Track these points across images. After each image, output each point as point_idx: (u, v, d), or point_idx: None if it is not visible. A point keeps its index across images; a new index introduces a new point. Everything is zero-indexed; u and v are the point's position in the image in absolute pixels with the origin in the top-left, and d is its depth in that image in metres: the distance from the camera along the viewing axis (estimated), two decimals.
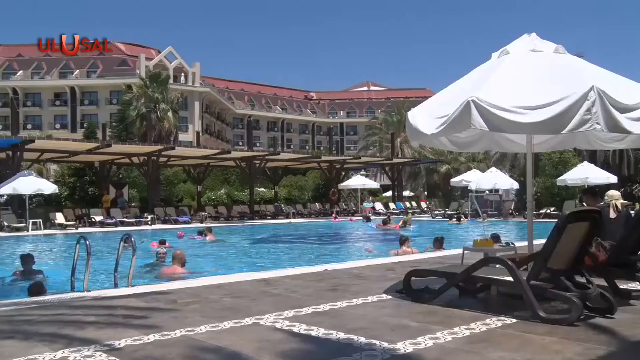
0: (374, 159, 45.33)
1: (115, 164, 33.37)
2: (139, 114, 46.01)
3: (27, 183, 23.45)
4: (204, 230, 19.59)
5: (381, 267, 9.50)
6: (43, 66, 73.02)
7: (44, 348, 4.31)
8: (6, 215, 25.14)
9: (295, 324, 5.02)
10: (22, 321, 5.42)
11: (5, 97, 69.74)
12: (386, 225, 25.09)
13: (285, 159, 38.44)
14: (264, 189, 42.67)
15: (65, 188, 34.06)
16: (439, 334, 4.56)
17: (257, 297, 6.58)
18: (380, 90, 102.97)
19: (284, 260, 14.47)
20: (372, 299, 6.28)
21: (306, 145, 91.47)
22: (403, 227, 24.41)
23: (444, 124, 5.61)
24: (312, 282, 7.81)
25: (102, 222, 26.57)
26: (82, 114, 70.41)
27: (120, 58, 73.44)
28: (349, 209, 39.04)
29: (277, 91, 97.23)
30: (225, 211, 33.71)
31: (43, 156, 29.81)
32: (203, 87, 74.48)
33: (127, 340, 4.50)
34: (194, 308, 5.95)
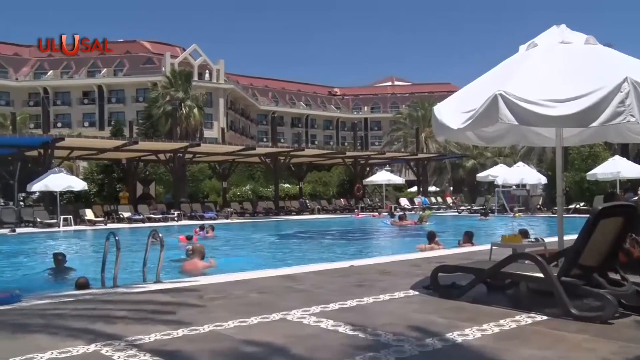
0: (398, 154, 45.07)
1: (142, 160, 33.77)
2: (164, 111, 46.54)
3: (58, 180, 23.89)
4: (206, 227, 19.59)
5: (407, 262, 9.45)
6: (72, 66, 74.29)
7: (77, 341, 4.39)
8: (38, 212, 25.69)
9: (323, 320, 5.01)
10: (56, 315, 5.52)
11: (37, 96, 71.20)
12: (402, 222, 24.70)
13: (309, 154, 38.47)
14: (289, 185, 42.78)
15: (94, 185, 34.64)
16: (468, 330, 4.51)
17: (283, 293, 6.60)
18: (404, 85, 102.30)
19: (309, 256, 14.49)
20: (398, 295, 6.24)
21: (330, 141, 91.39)
22: (419, 224, 24.19)
23: (470, 119, 5.54)
24: (338, 277, 7.80)
25: (129, 218, 26.94)
26: (110, 112, 71.47)
27: (146, 56, 74.31)
28: (374, 205, 38.92)
29: (301, 87, 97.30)
30: (251, 207, 33.91)
31: (73, 154, 30.33)
32: (227, 84, 74.92)
33: (156, 335, 4.55)
34: (221, 304, 6.00)
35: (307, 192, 41.85)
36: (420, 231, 22.11)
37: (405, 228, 23.44)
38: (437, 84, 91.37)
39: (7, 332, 4.87)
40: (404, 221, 24.62)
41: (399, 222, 24.64)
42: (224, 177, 37.90)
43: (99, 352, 4.11)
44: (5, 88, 72.63)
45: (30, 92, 73.01)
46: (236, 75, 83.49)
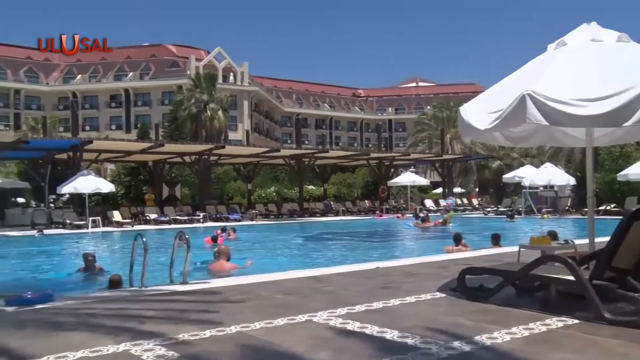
0: (423, 155, 44.79)
1: (168, 163, 34.19)
2: (189, 113, 46.99)
3: (86, 182, 24.29)
4: (228, 229, 19.65)
5: (433, 264, 9.39)
6: (100, 70, 75.62)
7: (107, 340, 4.46)
8: (68, 213, 26.17)
9: (349, 322, 5.00)
10: (87, 314, 5.62)
11: (66, 100, 72.62)
12: (424, 224, 24.43)
13: (334, 156, 38.48)
14: (313, 186, 42.83)
15: (121, 187, 35.14)
16: (496, 333, 4.45)
17: (308, 295, 6.60)
18: (429, 86, 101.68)
19: (334, 258, 14.48)
20: (425, 297, 6.20)
21: (354, 142, 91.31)
22: (442, 225, 23.94)
23: (497, 119, 5.47)
24: (364, 279, 7.78)
25: (156, 220, 27.26)
26: (136, 115, 72.49)
27: (172, 60, 75.22)
28: (399, 206, 38.74)
29: (324, 89, 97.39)
30: (275, 209, 34.03)
31: (100, 156, 30.84)
32: (251, 86, 75.37)
33: (184, 335, 4.59)
34: (248, 305, 6.02)
35: (332, 193, 41.85)
36: (444, 233, 21.95)
37: (428, 229, 23.26)
38: (462, 85, 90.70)
39: (42, 330, 4.98)
40: (426, 223, 24.38)
41: (421, 224, 24.40)
42: (248, 179, 38.12)
43: (128, 352, 4.16)
44: (37, 93, 74.27)
45: (60, 97, 74.51)
46: (260, 77, 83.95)
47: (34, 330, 4.98)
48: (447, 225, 24.07)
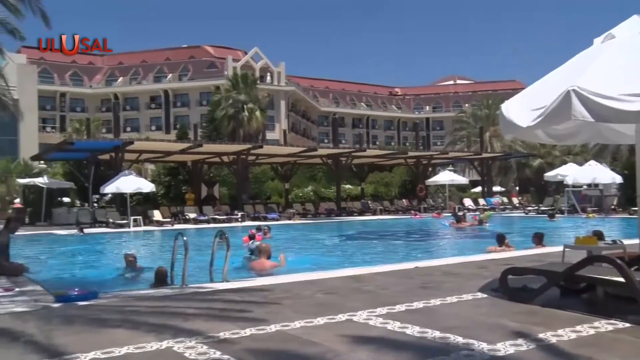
0: (462, 154, 44.18)
1: (206, 163, 34.61)
2: (227, 114, 47.46)
3: (128, 182, 24.78)
4: (264, 228, 19.65)
5: (473, 264, 9.26)
6: (140, 72, 77.26)
7: (150, 337, 4.54)
8: (111, 213, 26.80)
9: (389, 322, 4.97)
10: (131, 311, 5.74)
11: (109, 102, 74.47)
12: (460, 223, 23.87)
13: (371, 155, 38.31)
14: (351, 185, 42.75)
15: (161, 187, 35.75)
16: (542, 335, 4.35)
17: (348, 294, 6.59)
18: (467, 83, 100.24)
19: (372, 257, 14.41)
20: (466, 297, 6.11)
21: (392, 141, 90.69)
22: (479, 225, 23.45)
23: (541, 116, 5.34)
24: (403, 279, 7.73)
25: (195, 219, 27.64)
26: (175, 116, 73.68)
27: (209, 61, 76.22)
28: (437, 205, 38.32)
29: (361, 88, 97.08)
30: (313, 208, 34.10)
31: (141, 156, 31.43)
32: (288, 86, 75.72)
33: (225, 333, 4.64)
34: (288, 304, 6.05)
35: (369, 193, 41.70)
36: (482, 232, 21.58)
37: (464, 229, 22.85)
38: (502, 82, 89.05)
39: (88, 326, 5.11)
40: (462, 223, 23.89)
41: (456, 224, 23.89)
42: (286, 178, 38.31)
43: (171, 349, 4.23)
44: (81, 95, 76.38)
45: (103, 99, 76.42)
46: (297, 77, 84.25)
47: (81, 327, 5.12)
48: (483, 225, 23.61)
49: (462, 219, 24.55)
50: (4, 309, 6.11)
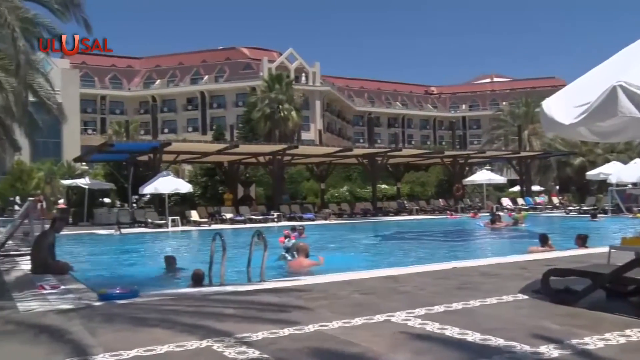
0: (499, 152, 43.44)
1: (242, 163, 34.91)
2: (263, 114, 47.81)
3: (166, 183, 25.18)
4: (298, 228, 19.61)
5: (513, 265, 9.10)
6: (177, 74, 78.58)
7: (190, 336, 4.60)
8: (149, 213, 27.30)
9: (428, 323, 4.91)
10: (170, 310, 5.83)
11: (147, 104, 76.00)
12: (494, 224, 23.20)
13: (407, 155, 38.02)
14: (386, 185, 42.53)
15: (198, 187, 36.22)
16: (587, 339, 4.22)
17: (385, 294, 6.55)
18: (505, 81, 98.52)
19: (409, 257, 14.30)
20: (506, 298, 6.00)
21: (427, 140, 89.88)
22: (514, 226, 22.88)
23: (584, 113, 5.19)
24: (441, 279, 7.64)
25: (232, 219, 27.91)
26: (211, 117, 74.63)
27: (245, 62, 76.97)
28: (474, 205, 37.78)
29: (396, 87, 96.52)
30: (348, 208, 34.04)
31: (178, 158, 31.95)
32: (323, 86, 75.81)
33: (263, 333, 4.66)
34: (325, 304, 6.04)
35: (405, 192, 41.40)
36: (521, 232, 21.15)
37: (499, 230, 22.36)
38: (541, 79, 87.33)
39: (129, 324, 5.21)
40: (497, 223, 23.23)
41: (491, 225, 23.23)
42: (321, 178, 38.35)
43: (210, 348, 4.27)
44: (120, 98, 78.20)
45: (141, 101, 78.02)
46: (332, 77, 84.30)
47: (122, 325, 5.22)
48: (519, 225, 23.06)
49: (497, 219, 23.99)
50: (51, 306, 6.29)
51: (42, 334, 4.95)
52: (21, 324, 5.46)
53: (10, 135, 22.08)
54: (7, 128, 21.13)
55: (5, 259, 12.21)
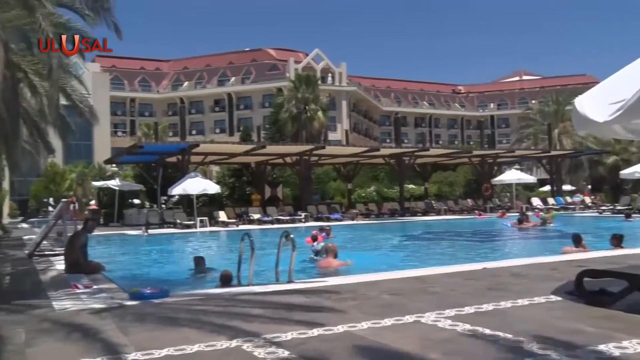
0: (529, 151, 42.80)
1: (269, 164, 35.07)
2: (290, 115, 47.95)
3: (194, 184, 25.41)
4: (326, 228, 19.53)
5: (543, 265, 8.95)
6: (204, 76, 79.38)
7: (220, 336, 4.63)
8: (178, 214, 27.62)
9: (458, 324, 4.86)
10: (199, 311, 5.87)
11: (175, 106, 76.96)
12: (522, 224, 22.69)
13: (434, 154, 37.73)
14: (414, 185, 42.29)
15: (226, 188, 36.50)
16: (626, 342, 4.10)
17: (414, 295, 6.50)
18: (534, 79, 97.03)
19: (437, 258, 14.17)
20: (538, 299, 5.90)
21: (455, 140, 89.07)
22: (542, 226, 22.39)
23: (619, 110, 5.07)
24: (470, 280, 7.56)
25: (259, 220, 28.05)
26: (238, 118, 75.18)
27: (271, 63, 77.32)
28: (503, 205, 37.28)
29: (423, 86, 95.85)
30: (376, 208, 33.93)
31: (206, 159, 32.23)
32: (350, 86, 75.72)
33: (292, 333, 4.66)
34: (354, 304, 6.02)
35: (433, 192, 41.11)
36: (551, 233, 20.77)
37: (527, 230, 21.94)
38: (571, 76, 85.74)
39: (159, 324, 5.27)
40: (524, 223, 22.69)
41: (518, 225, 22.74)
42: (348, 178, 38.31)
43: (240, 348, 4.29)
44: (149, 100, 79.37)
45: (169, 103, 79.02)
46: (358, 77, 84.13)
47: (153, 324, 5.28)
48: (547, 225, 22.60)
49: (525, 219, 23.53)
50: (85, 305, 6.42)
51: (76, 332, 5.04)
52: (56, 322, 5.57)
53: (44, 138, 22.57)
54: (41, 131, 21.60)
55: (41, 259, 12.49)
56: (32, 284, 8.95)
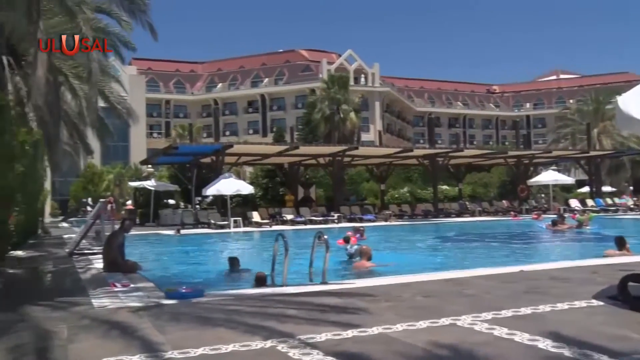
0: (566, 152, 41.88)
1: (302, 165, 35.14)
2: (322, 116, 48.00)
3: (228, 185, 25.64)
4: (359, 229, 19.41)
5: (583, 269, 8.72)
6: (238, 78, 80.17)
7: (254, 337, 4.64)
8: (212, 214, 27.91)
9: (496, 327, 4.76)
10: (233, 311, 5.91)
11: (209, 108, 77.94)
12: (556, 226, 22.01)
13: (468, 155, 37.26)
14: (447, 186, 41.85)
15: (259, 189, 36.74)
16: None
17: (449, 298, 6.41)
18: (572, 77, 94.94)
19: (472, 260, 13.97)
20: (579, 304, 5.74)
21: (490, 140, 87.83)
22: (578, 228, 21.79)
23: None
24: (507, 283, 7.43)
25: (292, 220, 28.12)
26: (271, 119, 75.67)
27: (304, 64, 77.57)
28: (540, 206, 36.54)
29: (457, 86, 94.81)
30: (409, 209, 33.69)
31: (240, 159, 32.49)
32: (383, 87, 75.41)
33: (327, 334, 4.64)
34: (388, 306, 5.97)
35: (467, 193, 40.60)
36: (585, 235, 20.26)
37: (563, 232, 21.36)
38: (612, 74, 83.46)
39: (195, 323, 5.32)
40: (559, 225, 22.04)
41: (552, 227, 22.11)
42: (381, 179, 38.13)
43: (275, 348, 4.29)
44: (184, 102, 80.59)
45: (203, 104, 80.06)
46: (391, 77, 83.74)
47: (189, 323, 5.33)
48: (583, 227, 21.99)
49: (559, 220, 22.88)
50: (122, 303, 6.53)
51: (115, 330, 5.14)
52: (95, 319, 5.69)
53: (83, 139, 23.14)
54: (80, 133, 22.14)
55: (80, 257, 12.79)
56: (72, 282, 9.16)
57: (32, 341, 4.90)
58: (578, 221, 22.99)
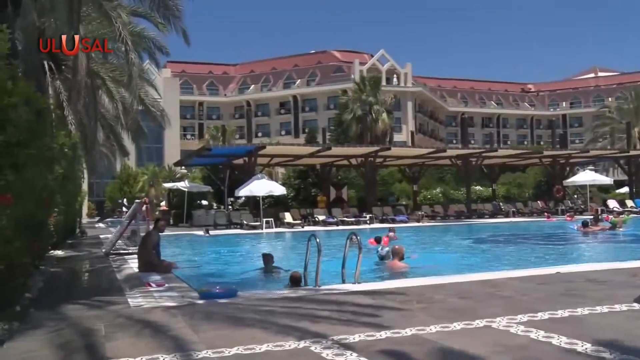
0: (605, 151, 40.84)
1: (334, 165, 35.13)
2: (354, 117, 47.86)
3: (260, 185, 25.81)
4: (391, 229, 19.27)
5: (622, 271, 8.51)
6: (270, 79, 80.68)
7: (288, 337, 4.66)
8: (245, 215, 28.12)
9: (532, 330, 4.68)
10: (267, 311, 5.94)
11: (241, 109, 78.63)
12: (587, 228, 21.22)
13: (502, 155, 36.66)
14: (481, 187, 41.28)
15: (291, 189, 36.87)
16: None
17: (484, 299, 6.33)
18: (611, 75, 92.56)
19: (506, 261, 13.74)
20: (619, 307, 5.60)
21: (524, 140, 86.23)
22: (611, 230, 21.07)
23: None
24: (543, 285, 7.30)
25: (324, 221, 28.13)
26: (304, 120, 75.85)
27: (336, 65, 77.56)
28: (576, 207, 35.71)
29: (491, 86, 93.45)
30: (442, 210, 33.36)
31: (272, 161, 32.67)
32: (415, 87, 74.86)
33: (360, 335, 4.63)
34: (421, 307, 5.93)
35: (501, 194, 39.98)
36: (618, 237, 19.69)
37: (595, 234, 20.71)
38: None
39: (228, 323, 5.37)
40: (591, 227, 21.28)
41: (583, 229, 21.33)
42: (414, 180, 37.85)
43: (308, 349, 4.30)
44: (217, 104, 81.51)
45: (236, 106, 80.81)
46: (423, 77, 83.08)
47: (222, 323, 5.39)
48: (617, 229, 21.28)
49: (592, 222, 22.08)
50: (157, 303, 6.64)
51: (150, 329, 5.22)
52: (131, 318, 5.80)
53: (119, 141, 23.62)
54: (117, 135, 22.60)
55: (116, 257, 13.05)
56: (108, 281, 9.36)
57: (74, 339, 5.02)
58: (612, 223, 22.30)
